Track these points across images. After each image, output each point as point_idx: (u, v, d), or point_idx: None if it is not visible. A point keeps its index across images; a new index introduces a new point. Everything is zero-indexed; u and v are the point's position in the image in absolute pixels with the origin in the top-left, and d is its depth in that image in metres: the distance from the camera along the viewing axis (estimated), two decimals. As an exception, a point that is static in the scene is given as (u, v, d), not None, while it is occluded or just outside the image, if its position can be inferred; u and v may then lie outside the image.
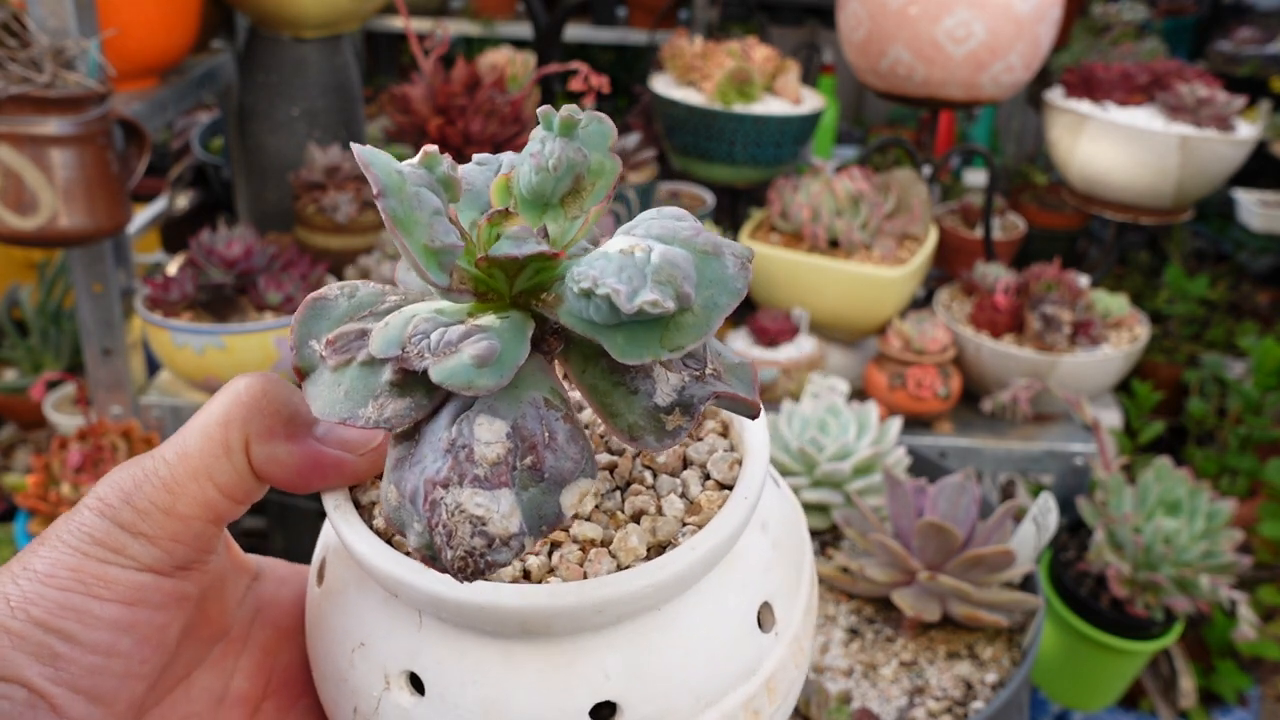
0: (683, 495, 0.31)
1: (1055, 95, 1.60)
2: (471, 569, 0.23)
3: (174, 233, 1.79)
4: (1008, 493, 1.47)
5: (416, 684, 0.29)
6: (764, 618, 0.31)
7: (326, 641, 0.31)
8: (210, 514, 0.29)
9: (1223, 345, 1.96)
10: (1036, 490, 1.40)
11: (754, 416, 0.28)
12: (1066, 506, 1.26)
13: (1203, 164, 1.44)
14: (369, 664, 0.29)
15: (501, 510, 0.24)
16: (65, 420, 1.35)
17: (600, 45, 2.43)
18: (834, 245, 1.31)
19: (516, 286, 0.26)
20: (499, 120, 1.44)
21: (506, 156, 0.31)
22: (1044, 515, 0.90)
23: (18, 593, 0.27)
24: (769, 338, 1.28)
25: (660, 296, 0.23)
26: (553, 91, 1.48)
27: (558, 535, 0.29)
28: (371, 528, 0.29)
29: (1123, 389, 1.65)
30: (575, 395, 0.34)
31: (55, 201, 1.03)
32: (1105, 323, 1.35)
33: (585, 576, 0.28)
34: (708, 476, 0.32)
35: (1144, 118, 1.47)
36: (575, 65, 1.34)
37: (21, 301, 1.59)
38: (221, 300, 1.21)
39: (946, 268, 1.68)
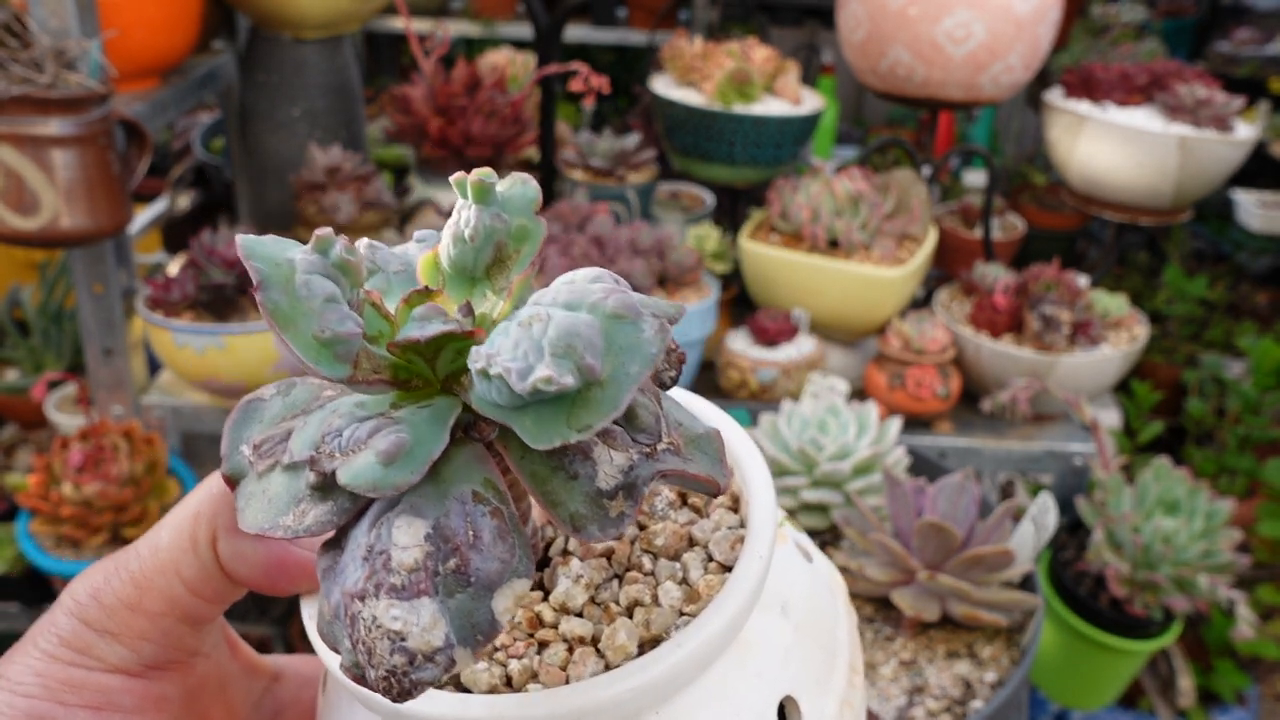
0: (682, 581, 0.28)
1: (1055, 96, 1.60)
2: (397, 689, 0.22)
3: (175, 233, 1.79)
4: (1007, 493, 1.48)
5: None
6: (788, 714, 0.28)
7: None
8: (178, 611, 0.27)
9: (1221, 345, 1.97)
10: (1035, 490, 1.40)
11: (714, 494, 0.25)
12: (1066, 506, 1.26)
13: (1202, 164, 1.45)
14: None
15: (421, 623, 0.21)
16: (66, 420, 1.35)
17: (600, 46, 2.43)
18: (834, 245, 1.32)
19: (440, 371, 0.24)
20: (499, 121, 1.44)
21: (448, 232, 0.30)
22: (1043, 515, 0.90)
23: None
24: (769, 338, 1.28)
25: (555, 372, 0.21)
26: (553, 92, 1.48)
27: (546, 634, 0.28)
28: None
29: (1122, 389, 1.66)
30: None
31: (56, 202, 1.03)
32: (1104, 323, 1.35)
33: (568, 680, 0.26)
34: (711, 558, 0.29)
35: (1143, 118, 1.47)
36: (575, 66, 1.34)
37: (23, 302, 1.59)
38: (222, 300, 1.21)
39: (946, 268, 1.68)
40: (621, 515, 0.23)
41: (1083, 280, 1.38)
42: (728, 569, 0.28)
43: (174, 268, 1.25)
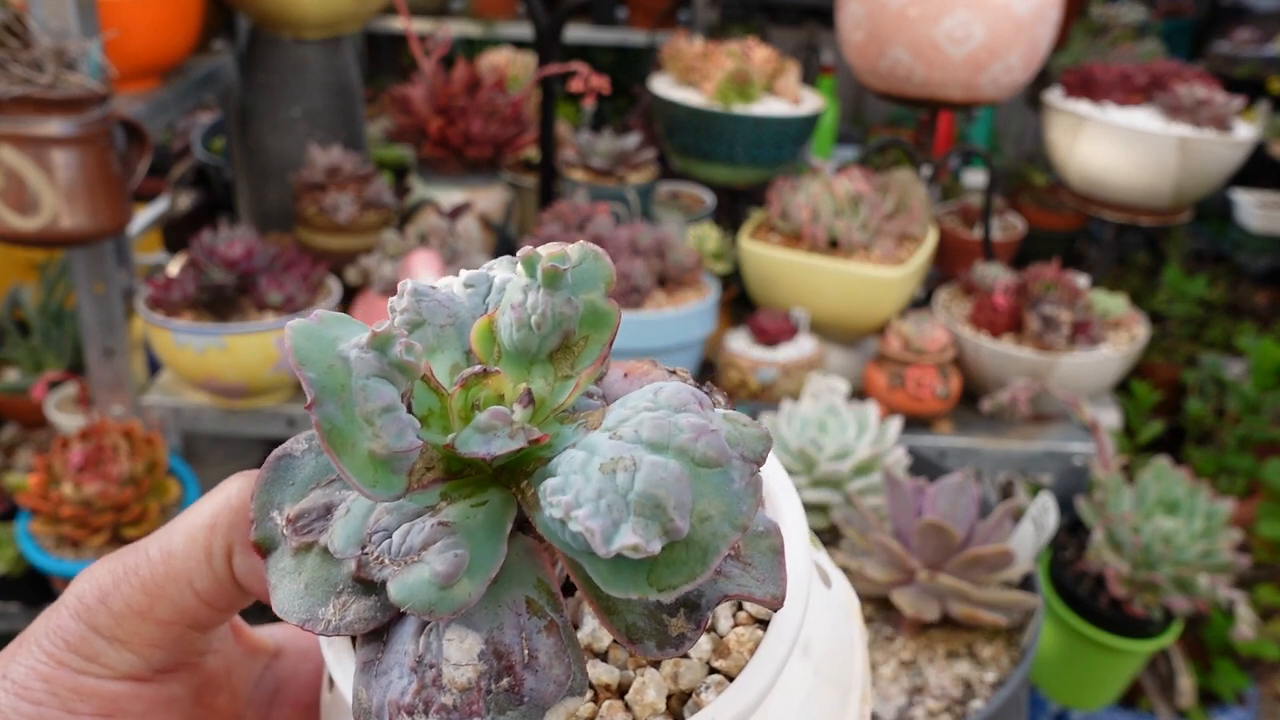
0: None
1: (1054, 96, 1.60)
2: None
3: (175, 233, 1.79)
4: (1007, 493, 1.48)
5: None
6: None
7: None
8: (189, 619, 0.27)
9: (1221, 345, 1.97)
10: (1035, 490, 1.40)
11: (776, 609, 0.24)
12: (1065, 506, 1.26)
13: (1201, 165, 1.45)
14: None
15: None
16: (67, 420, 1.35)
17: (600, 46, 2.43)
18: (833, 245, 1.32)
19: (496, 462, 0.23)
20: (499, 121, 1.44)
21: (499, 275, 0.27)
22: (1043, 515, 0.91)
23: None
24: (769, 338, 1.28)
25: (643, 539, 0.19)
26: (553, 92, 1.48)
27: None
28: None
29: (1122, 389, 1.66)
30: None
31: (57, 202, 1.03)
32: (1104, 323, 1.35)
33: None
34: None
35: (1143, 119, 1.47)
36: (575, 66, 1.35)
37: (23, 302, 1.59)
38: (223, 300, 1.21)
39: (946, 268, 1.68)
40: (682, 636, 0.22)
41: (1082, 280, 1.38)
42: (757, 620, 0.27)
43: (174, 268, 1.25)
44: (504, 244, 1.43)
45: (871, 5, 1.39)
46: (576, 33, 2.29)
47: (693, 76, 1.50)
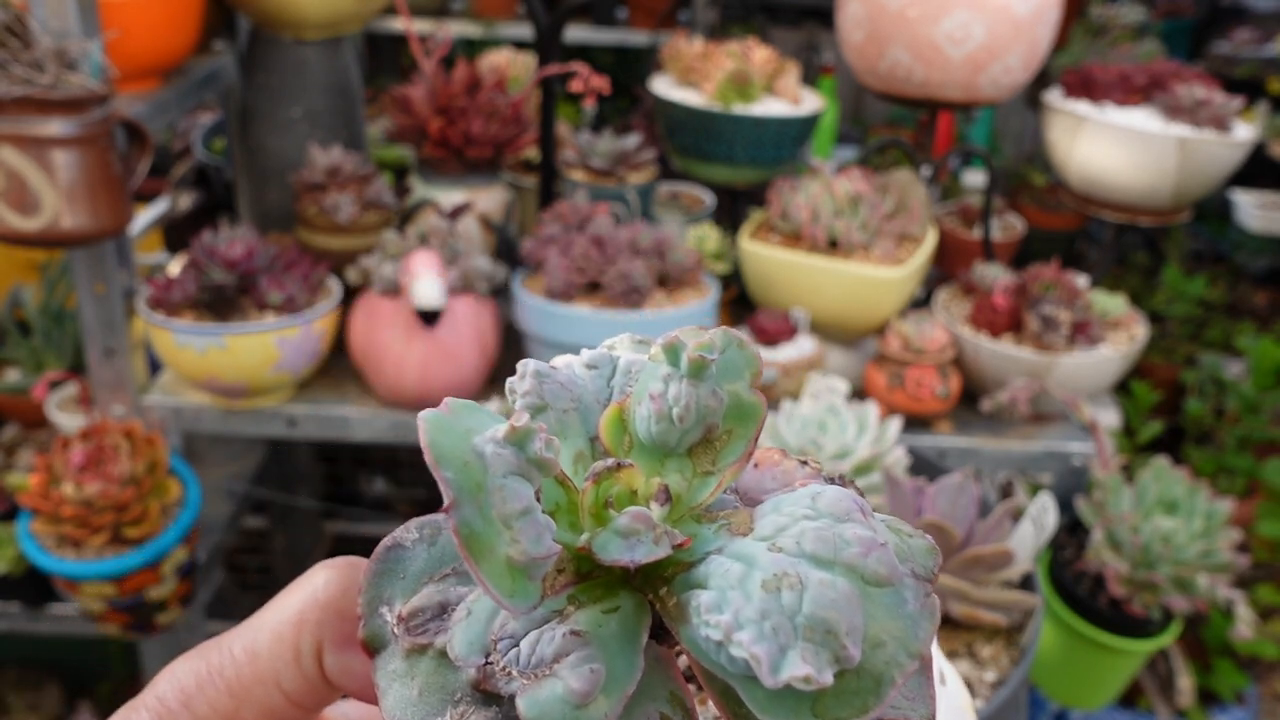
0: None
1: (1054, 96, 1.61)
2: None
3: (176, 233, 1.79)
4: (1006, 492, 1.48)
5: None
6: None
7: None
8: None
9: (1220, 345, 1.97)
10: (1035, 490, 1.40)
11: None
12: (1065, 506, 1.26)
13: (1201, 165, 1.45)
14: None
15: None
16: (68, 420, 1.35)
17: (601, 46, 2.43)
18: (833, 245, 1.32)
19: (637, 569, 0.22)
20: (500, 121, 1.44)
21: (623, 356, 0.26)
22: (1042, 515, 0.91)
23: None
24: (769, 338, 1.29)
25: (814, 669, 0.18)
26: (553, 92, 1.48)
27: None
28: None
29: (1121, 389, 1.66)
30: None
31: (58, 202, 1.04)
32: (1103, 323, 1.36)
33: None
34: None
35: (1142, 119, 1.47)
36: (575, 66, 1.35)
37: (24, 302, 1.59)
38: (223, 300, 1.21)
39: (945, 268, 1.68)
40: None
41: (1082, 280, 1.38)
42: None
43: (175, 268, 1.25)
44: (504, 244, 1.43)
45: (871, 6, 1.39)
46: (576, 33, 2.30)
47: (693, 77, 1.51)
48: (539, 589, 0.20)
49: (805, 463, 0.25)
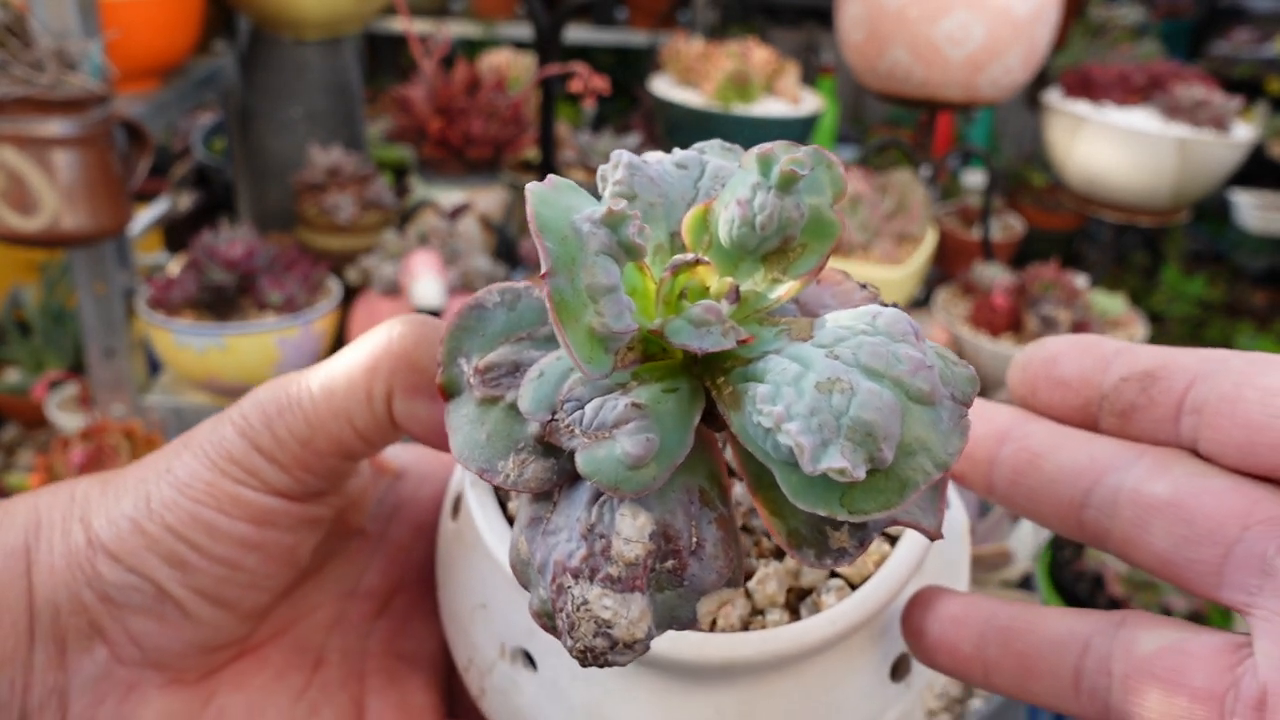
0: None
1: (1053, 96, 1.61)
2: (590, 662, 0.22)
3: (176, 233, 1.80)
4: (1006, 492, 1.48)
5: (530, 659, 0.28)
6: (900, 667, 0.29)
7: (452, 586, 0.31)
8: (344, 452, 0.29)
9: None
10: (1034, 490, 1.41)
11: (935, 540, 0.24)
12: (1064, 506, 1.26)
13: (1200, 165, 1.45)
14: (488, 630, 0.29)
15: (631, 615, 0.22)
16: (68, 420, 1.35)
17: (601, 47, 2.43)
18: (833, 246, 1.32)
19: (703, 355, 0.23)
20: (499, 121, 1.44)
21: (711, 160, 0.27)
22: (1041, 514, 0.91)
23: (158, 496, 0.28)
24: (768, 338, 1.29)
25: (850, 464, 0.19)
26: (553, 93, 1.48)
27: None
28: (505, 509, 0.29)
29: (1120, 389, 1.66)
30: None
31: (58, 202, 1.04)
32: (1103, 323, 1.36)
33: (714, 622, 0.26)
34: None
35: (1141, 119, 1.47)
36: (575, 67, 1.35)
37: (24, 302, 1.60)
38: (223, 300, 1.21)
39: (945, 268, 1.69)
40: (843, 551, 0.22)
41: (1081, 280, 1.39)
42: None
43: (175, 268, 1.25)
44: (504, 244, 1.43)
45: (871, 6, 1.39)
46: (577, 33, 2.30)
47: (692, 77, 1.51)
48: (612, 360, 0.22)
49: (865, 286, 0.26)
